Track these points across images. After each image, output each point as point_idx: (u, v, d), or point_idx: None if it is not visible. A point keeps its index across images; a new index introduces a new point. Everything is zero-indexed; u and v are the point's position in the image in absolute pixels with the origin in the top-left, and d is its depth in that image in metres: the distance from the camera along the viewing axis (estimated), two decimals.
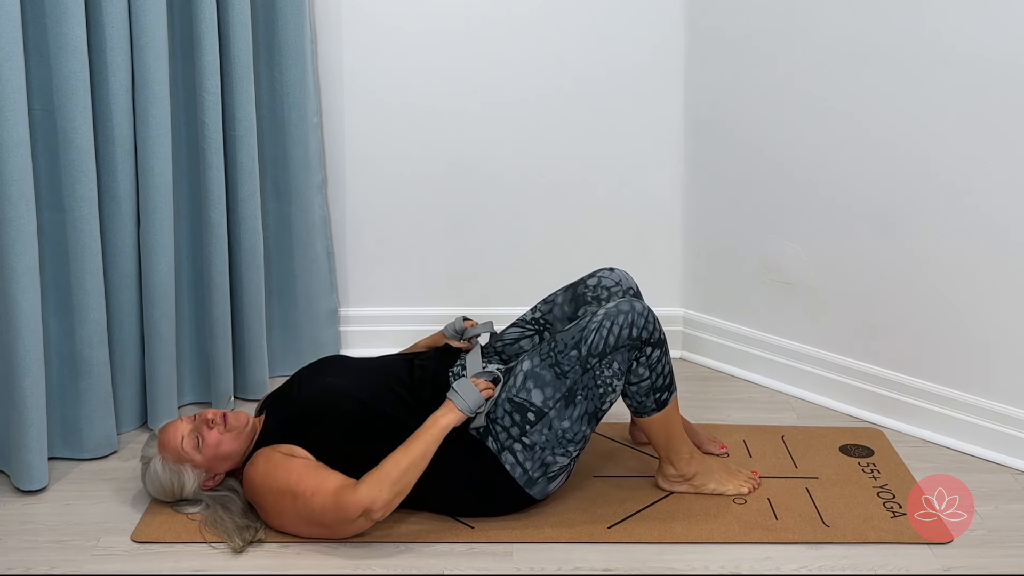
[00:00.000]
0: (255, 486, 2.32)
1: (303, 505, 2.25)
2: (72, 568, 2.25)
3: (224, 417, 2.39)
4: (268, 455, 2.33)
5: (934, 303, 2.74)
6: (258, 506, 2.35)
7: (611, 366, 2.31)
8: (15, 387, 2.46)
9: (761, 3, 2.91)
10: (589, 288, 2.59)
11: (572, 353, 2.31)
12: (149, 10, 2.58)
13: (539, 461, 2.34)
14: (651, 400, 2.39)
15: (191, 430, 2.38)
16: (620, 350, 2.31)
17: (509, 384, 2.35)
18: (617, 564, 2.28)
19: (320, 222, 3.09)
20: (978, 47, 2.54)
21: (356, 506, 2.21)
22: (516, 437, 2.33)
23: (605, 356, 2.31)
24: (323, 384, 2.45)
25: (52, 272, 2.57)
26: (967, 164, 2.61)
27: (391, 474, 2.24)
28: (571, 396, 2.32)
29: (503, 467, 2.34)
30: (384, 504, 2.23)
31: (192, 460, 2.37)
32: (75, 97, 2.47)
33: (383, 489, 2.22)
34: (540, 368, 2.33)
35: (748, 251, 3.10)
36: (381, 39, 3.07)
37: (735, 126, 3.05)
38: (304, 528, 2.30)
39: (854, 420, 2.92)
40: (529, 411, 2.32)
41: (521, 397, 2.33)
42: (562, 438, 2.34)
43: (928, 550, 2.33)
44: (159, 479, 2.39)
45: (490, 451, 2.34)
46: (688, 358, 3.32)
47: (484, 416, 2.33)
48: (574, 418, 2.33)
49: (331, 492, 2.24)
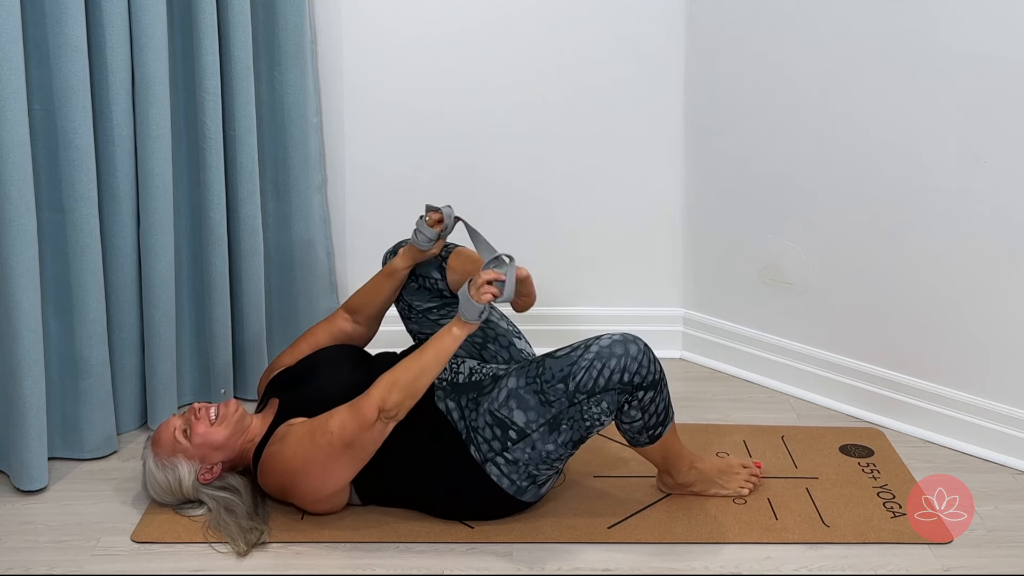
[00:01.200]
0: (274, 456, 2.31)
1: (321, 435, 2.24)
2: (72, 568, 2.25)
3: (212, 410, 2.41)
4: (281, 429, 2.35)
5: (934, 303, 2.74)
6: (283, 476, 2.31)
7: (599, 404, 2.25)
8: (15, 387, 2.46)
9: (761, 3, 2.91)
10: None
11: (559, 386, 2.24)
12: (149, 10, 2.58)
13: (524, 473, 2.33)
14: (644, 437, 2.36)
15: (182, 422, 2.40)
16: (610, 391, 2.23)
17: (492, 396, 2.32)
18: (617, 564, 2.28)
19: (320, 222, 3.09)
20: (979, 47, 2.54)
21: (371, 408, 2.21)
22: (498, 451, 2.31)
23: (594, 395, 2.23)
24: (342, 375, 2.45)
25: (52, 272, 2.57)
26: (968, 164, 2.61)
27: (401, 379, 2.23)
28: (556, 424, 2.27)
29: (490, 478, 2.33)
30: (396, 404, 2.22)
31: (184, 450, 2.36)
32: (75, 97, 2.47)
33: (392, 392, 2.22)
34: (524, 391, 2.28)
35: (748, 251, 3.10)
36: (381, 39, 3.07)
37: (735, 126, 3.05)
38: (332, 466, 2.26)
39: (854, 420, 2.92)
40: (511, 429, 2.29)
41: (503, 414, 2.30)
42: (547, 458, 2.31)
43: (928, 550, 2.33)
44: (155, 478, 2.39)
45: (475, 460, 2.32)
46: (688, 358, 3.32)
47: (488, 311, 2.32)
48: (559, 443, 2.29)
49: (344, 408, 2.25)
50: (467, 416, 2.33)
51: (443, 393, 2.38)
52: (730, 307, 3.21)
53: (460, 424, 2.33)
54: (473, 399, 2.34)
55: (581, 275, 3.27)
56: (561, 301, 3.27)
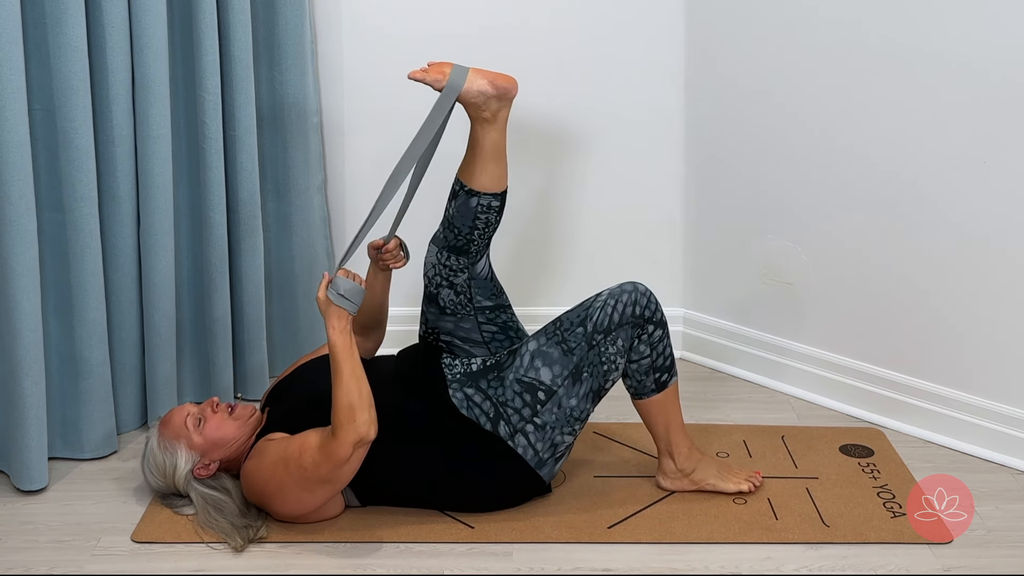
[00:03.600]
0: (252, 474, 2.32)
1: (296, 468, 2.24)
2: (72, 568, 2.25)
3: (231, 406, 2.44)
4: (260, 444, 2.35)
5: (934, 303, 2.74)
6: (262, 496, 2.33)
7: (615, 343, 2.36)
8: (15, 387, 2.46)
9: (761, 3, 2.91)
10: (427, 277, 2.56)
11: (579, 330, 2.36)
12: (149, 10, 2.58)
13: (549, 442, 2.37)
14: (651, 380, 2.41)
15: (197, 411, 2.42)
16: (624, 327, 2.36)
17: (516, 365, 2.38)
18: (617, 564, 2.28)
19: (320, 222, 3.09)
20: (979, 47, 2.54)
21: (345, 448, 2.19)
22: (528, 418, 2.35)
23: (610, 333, 2.35)
24: (326, 382, 2.45)
25: (52, 272, 2.57)
26: (968, 164, 2.61)
27: (353, 403, 2.20)
28: (578, 373, 2.35)
29: (514, 451, 2.35)
30: (367, 425, 2.20)
31: (189, 438, 2.37)
32: (75, 97, 2.47)
33: (356, 418, 2.19)
34: (547, 346, 2.37)
35: (748, 251, 3.10)
36: (381, 39, 3.07)
37: (735, 126, 3.05)
38: (308, 495, 2.28)
39: (854, 420, 2.92)
40: (539, 390, 2.35)
41: (530, 377, 2.36)
42: (569, 416, 2.37)
43: (928, 550, 2.33)
44: (153, 458, 2.40)
45: (500, 438, 2.35)
46: (688, 358, 3.32)
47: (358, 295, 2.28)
48: (580, 395, 2.36)
49: (315, 447, 2.23)
50: (493, 395, 2.37)
51: (458, 384, 2.40)
52: (730, 307, 3.21)
53: (485, 405, 2.36)
54: (496, 376, 2.39)
55: (581, 275, 3.27)
56: (561, 301, 3.26)
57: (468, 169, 2.46)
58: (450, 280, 2.51)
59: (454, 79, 2.37)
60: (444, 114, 2.39)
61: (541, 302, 3.26)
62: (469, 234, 2.47)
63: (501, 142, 2.45)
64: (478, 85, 2.38)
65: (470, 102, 2.39)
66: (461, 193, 2.46)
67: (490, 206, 2.46)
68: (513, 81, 2.43)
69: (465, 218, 2.46)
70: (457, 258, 2.49)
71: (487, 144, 2.43)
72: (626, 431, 2.79)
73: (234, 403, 2.47)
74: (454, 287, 2.51)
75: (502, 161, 2.46)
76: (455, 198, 2.48)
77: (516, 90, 2.43)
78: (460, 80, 2.37)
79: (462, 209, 2.46)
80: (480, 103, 2.39)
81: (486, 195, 2.45)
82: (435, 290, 2.54)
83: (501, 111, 2.42)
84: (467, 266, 2.50)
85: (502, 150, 2.45)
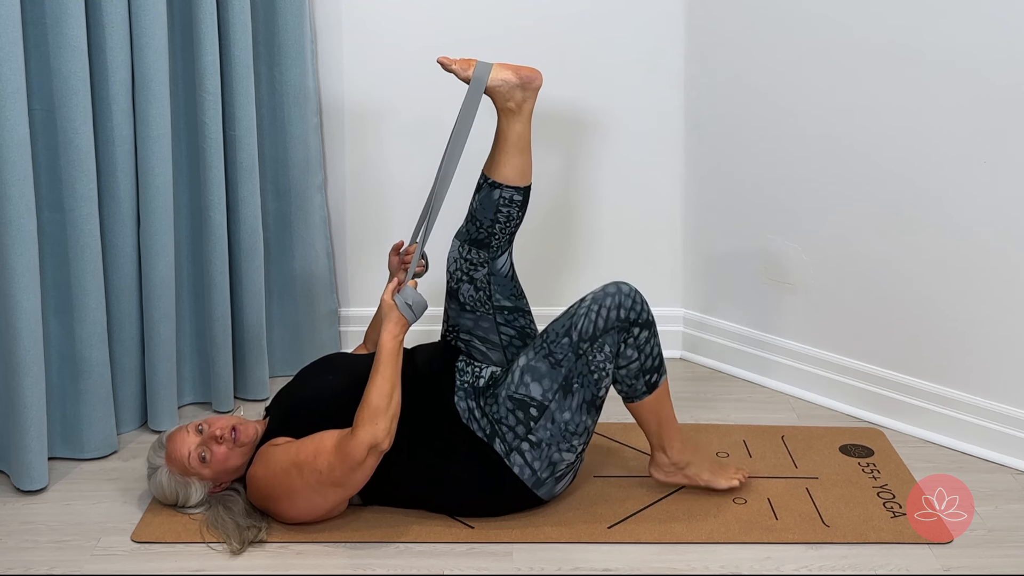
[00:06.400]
0: (259, 480, 2.32)
1: (310, 472, 2.25)
2: (72, 568, 2.25)
3: (234, 431, 2.35)
4: (264, 450, 2.35)
5: (934, 303, 2.74)
6: (268, 500, 2.33)
7: (602, 350, 2.33)
8: (15, 387, 2.46)
9: (761, 3, 2.91)
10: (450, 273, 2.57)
11: (564, 340, 2.34)
12: (149, 10, 2.58)
13: (547, 460, 2.35)
14: (641, 383, 2.39)
15: (198, 444, 2.35)
16: (610, 332, 2.33)
17: (508, 382, 2.36)
18: (617, 564, 2.28)
19: (320, 222, 3.09)
20: (979, 47, 2.54)
21: (360, 448, 2.21)
22: (522, 436, 2.33)
23: (596, 340, 2.32)
24: (324, 382, 2.45)
25: (52, 272, 2.57)
26: (969, 163, 2.61)
27: (380, 406, 2.22)
28: (568, 385, 2.33)
29: (511, 470, 2.34)
30: (386, 433, 2.22)
31: (199, 475, 2.36)
32: (75, 97, 2.47)
33: (378, 422, 2.21)
34: (535, 361, 2.35)
35: (748, 251, 3.10)
36: (382, 39, 3.07)
37: (735, 126, 3.05)
38: (319, 499, 2.28)
39: (854, 420, 2.92)
40: (531, 406, 2.33)
41: (521, 393, 2.34)
42: (565, 431, 2.34)
43: (928, 550, 2.33)
44: (163, 489, 2.39)
45: (497, 454, 2.34)
46: (688, 358, 3.32)
47: (422, 308, 2.31)
48: (573, 408, 2.34)
49: (332, 448, 2.24)
50: (489, 412, 2.36)
51: (464, 393, 2.40)
52: (730, 307, 3.21)
53: (483, 421, 2.36)
54: (491, 394, 2.38)
55: (581, 275, 3.27)
56: (561, 301, 3.26)
57: (493, 161, 2.49)
58: (470, 274, 2.52)
59: (479, 72, 2.40)
60: (474, 108, 2.42)
61: (541, 303, 3.26)
62: (491, 227, 2.48)
63: (526, 135, 2.47)
64: (502, 75, 2.41)
65: (495, 90, 2.42)
66: (485, 186, 2.49)
67: (512, 199, 2.47)
68: (537, 72, 2.45)
69: (487, 211, 2.48)
70: (478, 251, 2.50)
71: (512, 135, 2.45)
72: (626, 431, 2.79)
73: (236, 425, 2.38)
74: (474, 282, 2.52)
75: (527, 155, 2.48)
76: (479, 191, 2.51)
77: (540, 80, 2.45)
78: (484, 74, 2.40)
79: (485, 202, 2.48)
80: (504, 91, 2.42)
81: (508, 187, 2.47)
82: (456, 284, 2.55)
83: (526, 102, 2.44)
84: (487, 260, 2.51)
85: (527, 143, 2.47)
